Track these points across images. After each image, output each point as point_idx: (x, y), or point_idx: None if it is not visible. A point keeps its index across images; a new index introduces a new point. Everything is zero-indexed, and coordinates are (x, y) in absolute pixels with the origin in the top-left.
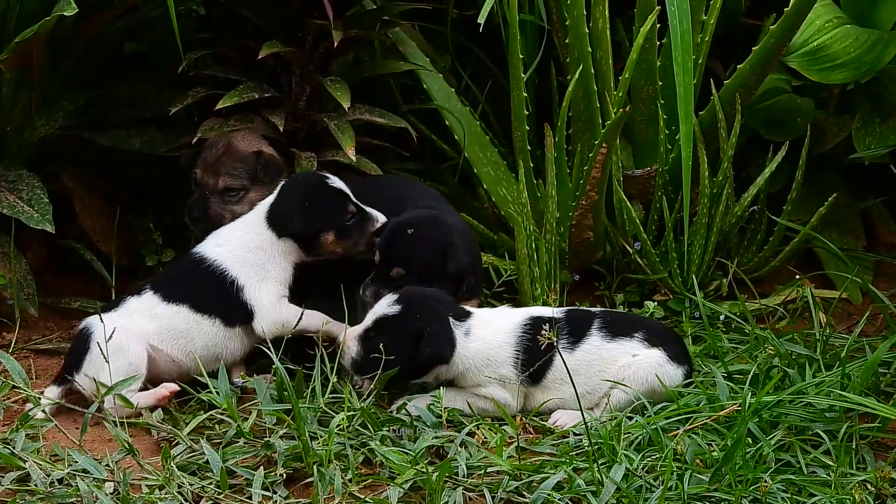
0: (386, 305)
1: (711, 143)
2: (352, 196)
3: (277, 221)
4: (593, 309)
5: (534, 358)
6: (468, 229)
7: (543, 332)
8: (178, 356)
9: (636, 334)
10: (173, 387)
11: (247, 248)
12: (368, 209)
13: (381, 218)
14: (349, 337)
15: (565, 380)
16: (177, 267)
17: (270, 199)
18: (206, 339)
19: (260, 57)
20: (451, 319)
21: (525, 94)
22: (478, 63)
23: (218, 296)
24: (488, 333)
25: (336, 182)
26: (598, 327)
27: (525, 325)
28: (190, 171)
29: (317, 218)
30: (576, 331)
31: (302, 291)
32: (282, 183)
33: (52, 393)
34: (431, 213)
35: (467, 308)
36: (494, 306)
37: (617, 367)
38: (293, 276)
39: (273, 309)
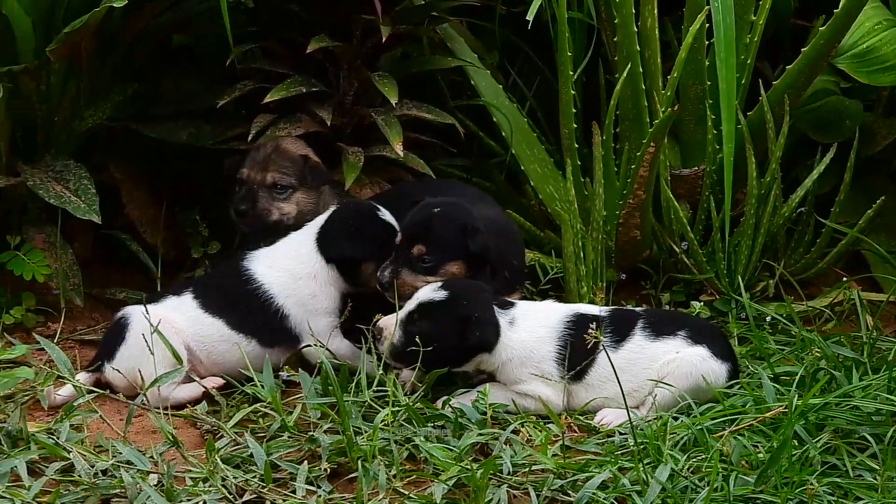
0: (431, 291)
1: (760, 144)
2: (398, 230)
3: (325, 243)
4: (637, 308)
5: (577, 355)
6: (510, 223)
7: (590, 330)
8: (207, 363)
9: (680, 332)
10: (217, 380)
11: (296, 276)
12: None
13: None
14: (387, 324)
15: (609, 378)
16: (223, 277)
17: (321, 220)
18: (239, 354)
19: (308, 51)
20: (495, 306)
21: (573, 92)
22: (526, 60)
23: (259, 319)
24: (531, 325)
25: (386, 215)
26: (642, 326)
27: (569, 321)
28: (234, 176)
29: (363, 245)
30: (620, 330)
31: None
32: (334, 207)
33: (83, 380)
34: (455, 199)
35: (509, 299)
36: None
37: (660, 364)
38: (340, 305)
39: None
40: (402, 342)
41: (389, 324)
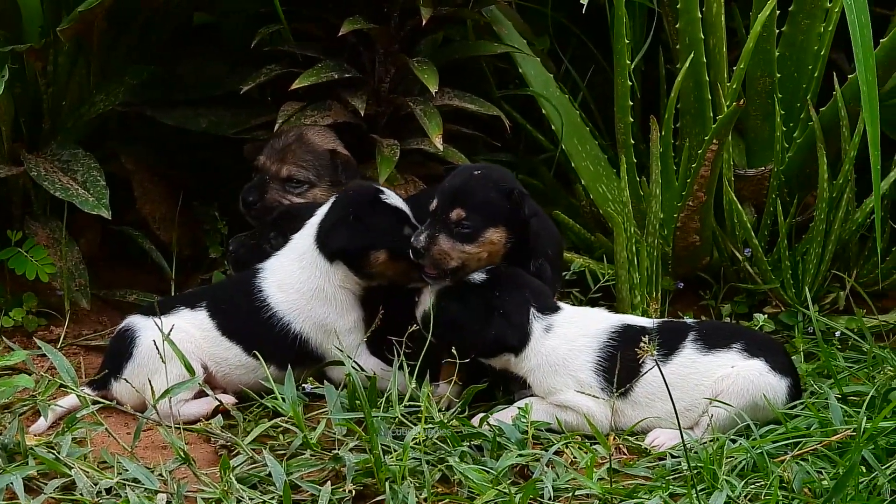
0: (476, 273)
1: (832, 143)
2: (411, 217)
3: (324, 239)
4: (689, 320)
5: (622, 368)
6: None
7: (641, 343)
8: (223, 383)
9: (734, 345)
10: (230, 399)
11: (307, 295)
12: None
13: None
14: (429, 290)
15: (658, 395)
16: (237, 295)
17: (319, 215)
18: (256, 376)
19: (341, 34)
20: (532, 309)
21: (630, 83)
22: (579, 47)
23: (278, 344)
24: (569, 332)
25: (393, 199)
26: (694, 339)
27: (613, 331)
28: (251, 163)
29: (364, 234)
30: (669, 342)
31: None
32: (333, 198)
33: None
34: (496, 165)
35: (560, 303)
36: None
37: (714, 380)
38: (362, 308)
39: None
40: (432, 313)
41: (427, 291)
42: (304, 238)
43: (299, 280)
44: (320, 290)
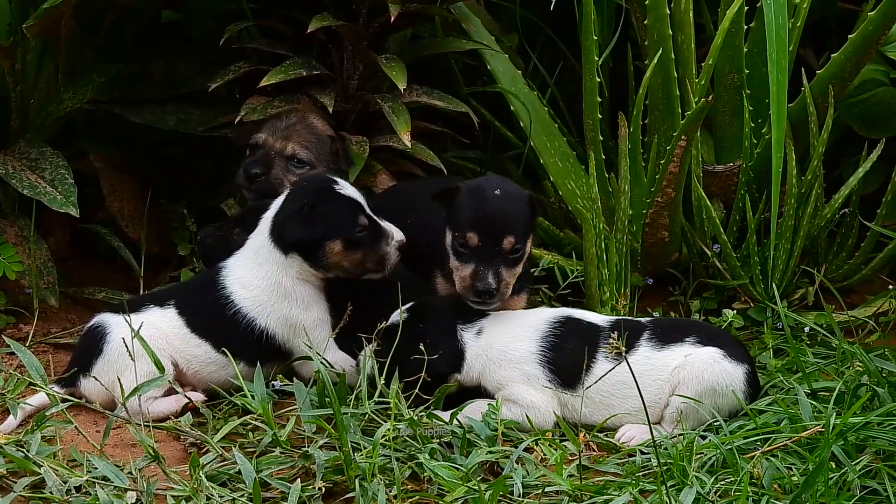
0: (396, 313)
1: (801, 138)
2: (366, 207)
3: (278, 232)
4: (643, 319)
5: (568, 362)
6: None
7: (610, 339)
8: (193, 381)
9: (688, 338)
10: (199, 396)
11: (267, 289)
12: (384, 224)
13: (396, 234)
14: (369, 351)
15: (613, 392)
16: (203, 293)
17: (272, 210)
18: (226, 373)
19: (309, 31)
20: (458, 325)
21: (598, 79)
22: (547, 44)
23: (245, 341)
24: (503, 326)
25: (347, 189)
26: (648, 337)
27: (555, 321)
28: (242, 143)
29: (318, 224)
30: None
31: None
32: (287, 190)
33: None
34: (493, 174)
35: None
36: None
37: (669, 372)
38: (325, 301)
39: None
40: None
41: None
42: (260, 233)
43: (258, 276)
44: (279, 284)
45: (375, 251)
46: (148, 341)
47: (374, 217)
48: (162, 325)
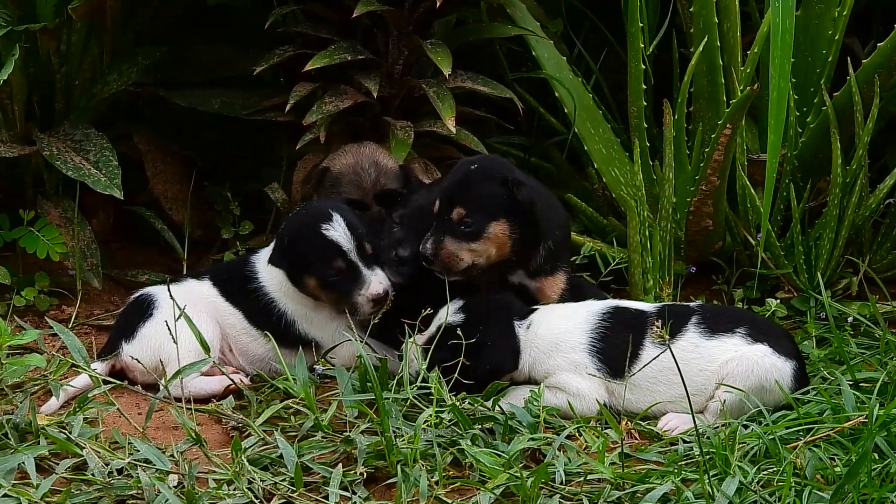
0: (451, 313)
1: (846, 128)
2: (348, 251)
3: (273, 249)
4: (691, 304)
5: (616, 350)
6: (550, 192)
7: (655, 327)
8: (235, 352)
9: (738, 329)
10: (243, 379)
11: (285, 282)
12: (366, 272)
13: (374, 286)
14: (412, 350)
15: (659, 379)
16: (235, 268)
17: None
18: (264, 348)
19: (355, 15)
20: (515, 322)
21: (644, 67)
22: (593, 30)
23: (275, 328)
24: (551, 319)
25: (334, 232)
26: (696, 322)
27: (604, 312)
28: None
29: (295, 259)
30: (671, 326)
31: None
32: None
33: (97, 369)
34: (493, 155)
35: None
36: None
37: (718, 364)
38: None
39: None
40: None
41: (412, 353)
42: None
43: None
44: (290, 285)
45: (351, 296)
46: (192, 306)
47: (357, 262)
48: (202, 291)
